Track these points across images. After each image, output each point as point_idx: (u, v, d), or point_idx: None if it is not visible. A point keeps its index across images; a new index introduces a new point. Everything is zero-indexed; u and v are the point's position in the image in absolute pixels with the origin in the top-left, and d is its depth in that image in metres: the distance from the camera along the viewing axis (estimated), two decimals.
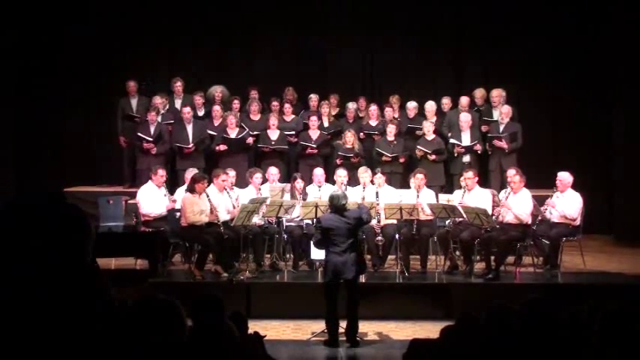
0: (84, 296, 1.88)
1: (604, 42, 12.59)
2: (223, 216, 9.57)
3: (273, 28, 13.36)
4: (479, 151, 11.47)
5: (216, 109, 11.80)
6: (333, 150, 11.62)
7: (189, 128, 11.50)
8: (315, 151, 11.40)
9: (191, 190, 9.38)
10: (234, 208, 9.66)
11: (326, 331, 7.80)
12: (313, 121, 11.56)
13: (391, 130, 11.43)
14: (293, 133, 11.73)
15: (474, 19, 13.33)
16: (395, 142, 11.41)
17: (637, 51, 11.99)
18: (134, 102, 12.17)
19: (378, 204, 9.48)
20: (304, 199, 9.83)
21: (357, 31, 13.49)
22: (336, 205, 7.77)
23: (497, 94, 11.89)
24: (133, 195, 10.29)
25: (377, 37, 13.58)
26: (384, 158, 11.19)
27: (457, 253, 9.74)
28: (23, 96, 12.70)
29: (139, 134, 11.44)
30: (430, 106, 11.90)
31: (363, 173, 10.04)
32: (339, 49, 13.44)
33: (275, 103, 12.09)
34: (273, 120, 11.51)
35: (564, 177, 9.60)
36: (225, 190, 9.82)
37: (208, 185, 9.73)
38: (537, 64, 12.99)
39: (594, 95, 12.86)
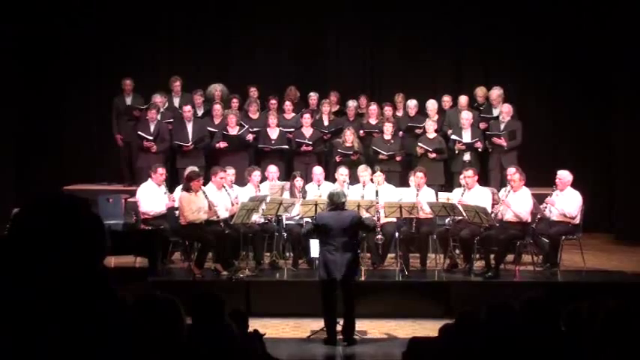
0: (95, 298, 1.90)
1: (604, 40, 12.57)
2: (222, 214, 9.57)
3: (272, 27, 13.34)
4: (479, 149, 11.47)
5: (217, 107, 11.79)
6: (331, 148, 11.63)
7: (190, 127, 11.50)
8: (310, 148, 11.39)
9: (187, 188, 9.37)
10: (232, 205, 9.67)
11: (325, 329, 7.81)
12: (306, 118, 11.54)
13: (388, 129, 11.43)
14: (292, 130, 11.72)
15: (475, 18, 13.30)
16: (392, 141, 11.41)
17: (637, 49, 11.98)
18: (129, 100, 12.16)
19: (377, 202, 9.49)
20: (303, 198, 9.84)
21: (358, 30, 13.47)
22: (336, 203, 7.80)
23: (496, 94, 11.88)
24: (133, 193, 10.29)
25: (377, 36, 13.56)
26: (380, 157, 11.19)
27: (457, 251, 9.76)
28: (23, 95, 12.68)
29: (140, 133, 11.44)
30: (432, 104, 11.89)
31: (363, 172, 10.04)
32: (339, 48, 13.43)
33: (273, 102, 12.09)
34: (273, 119, 11.51)
35: (564, 175, 9.59)
36: (224, 187, 9.83)
37: (206, 183, 9.74)
38: (537, 63, 12.97)
39: (594, 94, 12.84)
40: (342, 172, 10.05)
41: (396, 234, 9.57)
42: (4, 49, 12.20)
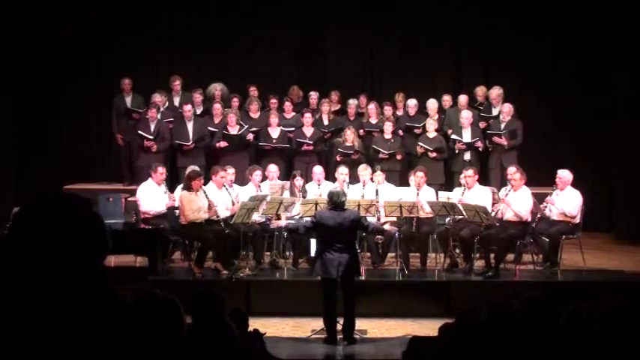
0: (95, 298, 1.90)
1: (604, 40, 12.57)
2: (222, 213, 9.57)
3: (272, 27, 13.33)
4: (480, 148, 11.48)
5: (217, 106, 11.79)
6: (331, 147, 11.63)
7: (190, 126, 11.50)
8: (311, 147, 11.40)
9: (187, 187, 9.37)
10: (233, 205, 9.67)
11: (325, 328, 7.81)
12: (307, 117, 11.55)
13: (388, 128, 11.44)
14: (293, 129, 11.73)
15: (475, 18, 13.29)
16: (392, 140, 11.42)
17: (637, 49, 11.97)
18: (128, 100, 12.17)
19: (377, 202, 9.49)
20: (303, 197, 9.84)
21: (358, 30, 13.47)
22: (335, 202, 7.79)
23: (496, 94, 11.88)
24: (133, 193, 10.30)
25: (377, 36, 13.57)
26: (380, 155, 11.20)
27: (457, 250, 9.76)
28: (23, 95, 12.67)
29: (140, 132, 11.45)
30: (432, 103, 11.90)
31: (363, 171, 10.06)
32: (339, 48, 13.43)
33: (274, 101, 12.09)
34: (274, 118, 11.52)
35: (564, 175, 9.60)
36: (225, 187, 9.83)
37: (206, 182, 9.74)
38: (537, 63, 12.97)
39: (594, 93, 12.84)
40: (342, 172, 10.06)
41: (396, 233, 9.57)
42: (4, 49, 12.19)
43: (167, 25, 13.52)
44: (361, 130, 11.78)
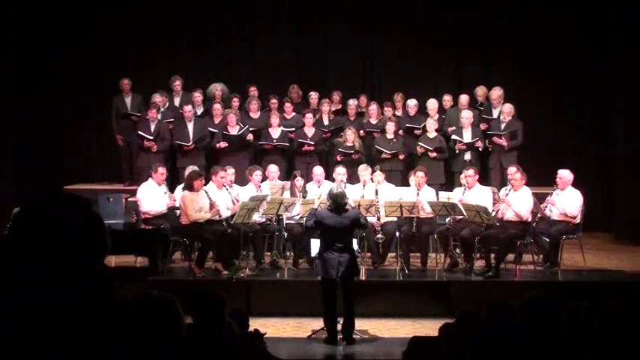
0: (95, 298, 1.90)
1: (604, 39, 12.57)
2: (223, 213, 9.58)
3: (272, 27, 13.34)
4: (480, 149, 11.47)
5: (217, 107, 11.79)
6: (331, 147, 11.63)
7: (190, 126, 11.50)
8: (312, 148, 11.40)
9: (189, 187, 9.38)
10: (233, 205, 9.67)
11: (325, 328, 7.82)
12: (309, 118, 11.55)
13: (390, 128, 11.43)
14: (293, 129, 11.73)
15: (475, 18, 13.30)
16: (394, 140, 11.42)
17: (637, 48, 11.98)
18: (128, 100, 12.16)
19: (377, 201, 9.49)
20: (304, 197, 9.84)
21: (358, 29, 13.47)
22: (338, 204, 7.79)
23: (497, 94, 11.87)
24: (133, 193, 10.30)
25: (377, 36, 13.57)
26: (383, 155, 11.20)
27: (457, 250, 9.76)
28: (23, 95, 12.68)
29: (140, 132, 11.45)
30: (432, 104, 11.89)
31: (364, 171, 10.06)
32: (339, 48, 13.43)
33: (274, 101, 12.09)
34: (275, 118, 11.52)
35: (564, 175, 9.60)
36: (225, 187, 9.84)
37: (206, 183, 9.74)
38: (537, 63, 12.97)
39: (595, 93, 12.85)
40: (340, 172, 10.06)
41: (397, 233, 9.57)
42: (4, 49, 12.19)
43: (167, 25, 13.52)
44: (361, 131, 11.78)
